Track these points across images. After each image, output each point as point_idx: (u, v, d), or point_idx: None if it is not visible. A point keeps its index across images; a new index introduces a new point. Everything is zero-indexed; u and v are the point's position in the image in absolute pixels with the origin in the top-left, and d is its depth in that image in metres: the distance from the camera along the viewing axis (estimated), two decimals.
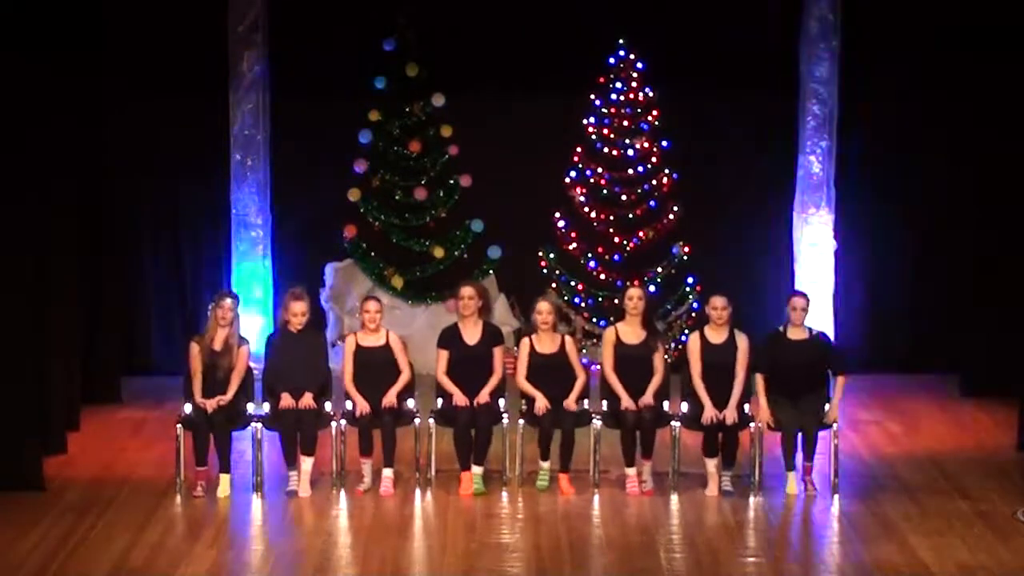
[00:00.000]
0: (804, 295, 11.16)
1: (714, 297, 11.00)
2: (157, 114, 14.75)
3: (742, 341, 10.90)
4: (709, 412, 10.70)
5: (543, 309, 10.99)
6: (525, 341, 11.09)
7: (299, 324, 11.00)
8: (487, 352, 11.02)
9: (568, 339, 11.11)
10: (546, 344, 11.00)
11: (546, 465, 10.85)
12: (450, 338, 11.08)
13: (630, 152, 15.27)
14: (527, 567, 9.22)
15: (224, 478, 10.71)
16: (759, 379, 10.89)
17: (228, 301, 10.99)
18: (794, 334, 10.97)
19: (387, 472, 10.79)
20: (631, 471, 10.78)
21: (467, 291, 11.06)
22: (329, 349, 11.37)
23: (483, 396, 10.84)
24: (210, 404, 10.71)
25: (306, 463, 10.79)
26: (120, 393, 13.99)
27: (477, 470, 10.79)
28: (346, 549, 9.70)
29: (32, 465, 10.78)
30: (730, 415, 10.69)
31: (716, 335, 10.94)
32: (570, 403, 10.85)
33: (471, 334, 11.06)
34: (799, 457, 10.74)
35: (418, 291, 15.43)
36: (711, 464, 10.77)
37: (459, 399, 10.84)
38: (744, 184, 15.22)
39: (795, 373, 10.84)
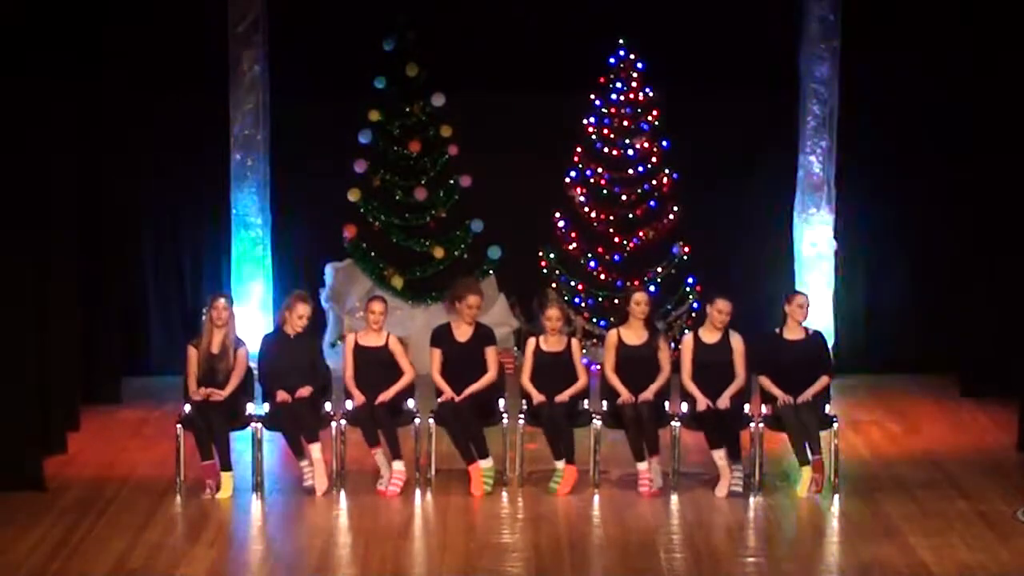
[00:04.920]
0: (805, 294, 11.17)
1: (720, 300, 10.92)
2: (157, 114, 14.75)
3: (738, 342, 10.89)
4: (702, 401, 10.71)
5: (552, 316, 11.02)
6: (531, 341, 11.11)
7: (299, 327, 11.00)
8: (478, 350, 11.03)
9: (575, 341, 11.15)
10: (553, 344, 11.03)
11: (560, 465, 10.84)
12: (442, 336, 11.11)
13: (630, 152, 15.27)
14: (527, 567, 9.22)
15: (226, 476, 10.69)
16: (764, 379, 10.88)
17: (222, 301, 10.97)
18: (791, 334, 10.96)
19: (397, 465, 10.78)
20: (643, 466, 10.76)
21: (475, 300, 11.05)
22: (327, 349, 11.36)
23: (465, 393, 10.84)
24: (202, 392, 10.69)
25: (315, 450, 10.76)
26: (120, 393, 13.99)
27: (486, 464, 10.78)
28: (346, 549, 9.70)
29: (32, 465, 10.77)
30: (723, 402, 10.69)
31: (710, 335, 10.94)
32: (562, 396, 10.86)
33: (462, 332, 11.08)
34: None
35: (418, 291, 15.43)
36: (719, 456, 10.71)
37: (447, 395, 10.87)
38: (744, 184, 15.22)
39: (794, 373, 10.83)
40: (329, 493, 10.72)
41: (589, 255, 15.32)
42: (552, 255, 15.38)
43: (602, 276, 15.32)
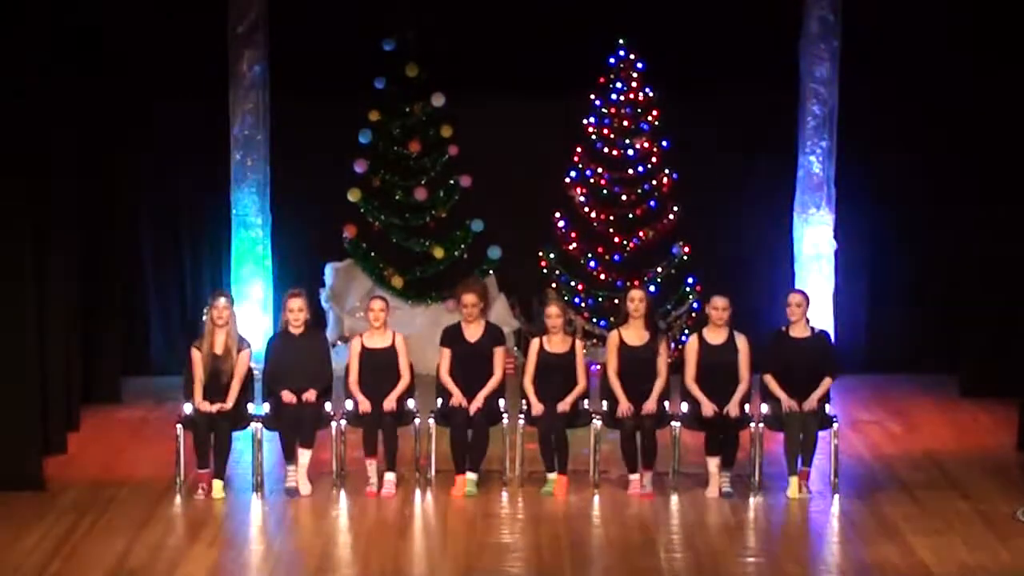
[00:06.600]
0: (801, 292, 11.17)
1: (715, 297, 10.98)
2: (157, 114, 14.75)
3: (742, 342, 10.89)
4: (708, 407, 10.69)
5: (552, 313, 11.02)
6: (535, 341, 11.10)
7: (297, 322, 10.99)
8: (488, 350, 11.04)
9: (579, 344, 11.13)
10: (557, 345, 11.03)
11: (552, 476, 10.81)
12: (452, 336, 11.11)
13: (630, 152, 15.27)
14: (527, 567, 9.22)
15: (217, 484, 10.67)
16: (768, 377, 10.87)
17: (222, 300, 10.95)
18: (797, 332, 10.96)
19: (389, 476, 10.78)
20: (634, 477, 10.77)
21: (470, 299, 11.05)
22: (331, 349, 11.36)
23: (479, 401, 10.84)
24: (211, 408, 10.69)
25: (304, 456, 10.77)
26: (120, 393, 13.99)
27: (471, 476, 10.79)
28: (346, 549, 9.70)
29: (32, 465, 10.78)
30: (733, 409, 10.69)
31: (715, 336, 10.93)
32: (564, 405, 10.86)
33: (473, 332, 11.09)
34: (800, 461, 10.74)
35: (418, 291, 15.43)
36: (712, 463, 10.75)
37: (456, 399, 10.85)
38: (744, 184, 15.22)
39: (799, 372, 10.82)
40: (313, 495, 10.72)
41: (589, 255, 15.32)
42: (552, 255, 15.37)
43: (602, 276, 15.32)
